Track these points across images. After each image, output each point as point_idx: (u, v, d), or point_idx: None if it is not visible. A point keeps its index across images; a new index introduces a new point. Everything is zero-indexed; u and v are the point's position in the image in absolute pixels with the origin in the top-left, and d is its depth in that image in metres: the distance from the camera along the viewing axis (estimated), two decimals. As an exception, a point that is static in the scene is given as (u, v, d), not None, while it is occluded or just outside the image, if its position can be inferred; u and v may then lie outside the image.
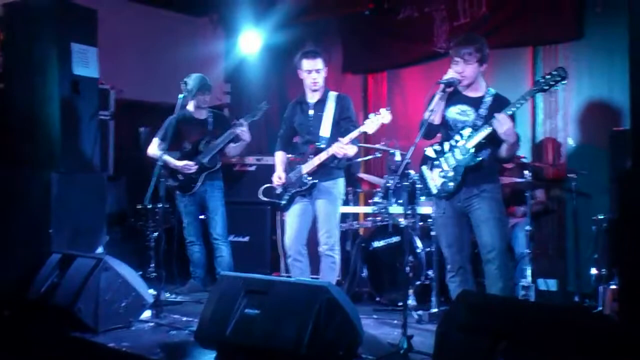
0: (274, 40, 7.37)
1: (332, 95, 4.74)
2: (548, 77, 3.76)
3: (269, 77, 7.67)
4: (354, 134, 4.43)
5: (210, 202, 5.68)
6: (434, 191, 4.11)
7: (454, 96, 4.04)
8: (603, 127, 5.45)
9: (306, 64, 4.67)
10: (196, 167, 5.58)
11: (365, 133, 4.49)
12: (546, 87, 3.76)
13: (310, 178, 4.62)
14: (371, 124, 4.36)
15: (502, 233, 3.95)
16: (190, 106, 5.77)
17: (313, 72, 4.66)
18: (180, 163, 5.60)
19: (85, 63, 5.26)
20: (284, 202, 4.77)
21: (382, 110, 4.41)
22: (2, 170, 5.26)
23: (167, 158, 5.58)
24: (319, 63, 4.66)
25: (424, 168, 4.16)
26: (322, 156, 4.55)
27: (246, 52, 7.53)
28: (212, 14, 7.97)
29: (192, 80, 5.53)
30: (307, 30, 7.16)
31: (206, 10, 7.90)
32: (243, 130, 5.43)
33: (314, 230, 4.74)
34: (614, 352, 2.43)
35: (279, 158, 4.91)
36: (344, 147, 4.45)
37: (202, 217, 5.84)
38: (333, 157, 4.54)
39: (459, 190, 3.98)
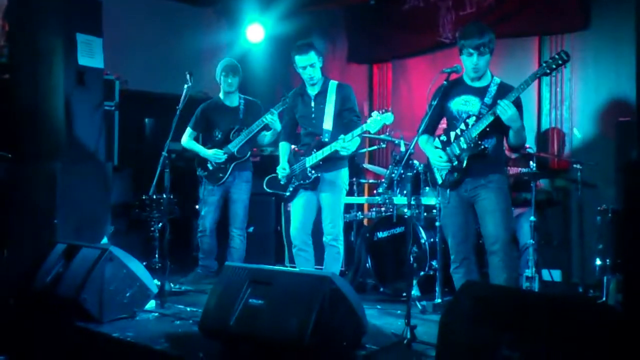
0: (279, 30, 7.36)
1: (333, 85, 4.71)
2: (550, 60, 3.73)
3: (274, 67, 7.67)
4: (357, 132, 4.41)
5: (234, 194, 5.61)
6: (439, 181, 4.10)
7: (459, 86, 4.02)
8: (609, 117, 5.44)
9: (299, 60, 4.62)
10: (225, 156, 5.54)
11: (368, 131, 4.46)
12: (548, 70, 3.73)
13: (314, 172, 4.62)
14: (374, 124, 4.31)
15: (507, 224, 3.94)
16: (221, 93, 5.73)
17: (307, 67, 4.61)
18: (209, 152, 5.57)
19: (91, 54, 5.26)
20: (288, 193, 4.78)
21: (386, 111, 4.36)
22: (8, 161, 5.27)
23: (197, 147, 5.59)
24: (312, 57, 4.59)
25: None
26: (326, 151, 4.55)
27: (251, 42, 7.51)
28: (216, 4, 7.96)
29: (217, 67, 5.57)
30: (312, 20, 7.15)
31: (210, 0, 7.88)
32: (273, 120, 5.31)
33: (318, 220, 4.74)
34: (618, 343, 2.42)
35: (283, 149, 4.91)
36: (346, 146, 4.43)
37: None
38: (336, 151, 4.53)
39: (464, 179, 3.97)
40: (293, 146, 4.89)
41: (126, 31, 6.82)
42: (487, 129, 3.86)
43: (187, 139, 5.68)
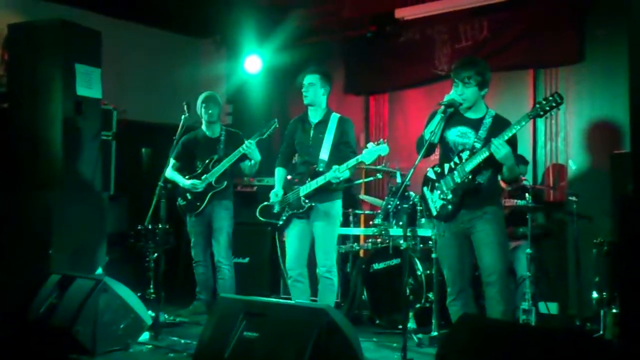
0: (277, 61, 7.42)
1: (335, 117, 4.76)
2: (544, 102, 3.79)
3: (271, 98, 7.71)
4: (351, 162, 4.43)
5: (215, 222, 5.61)
6: (434, 213, 4.10)
7: (454, 117, 4.05)
8: (604, 149, 5.47)
9: (304, 77, 4.77)
10: (203, 185, 5.55)
11: (362, 162, 4.47)
12: (542, 113, 3.79)
13: (308, 201, 4.62)
14: (369, 155, 4.35)
15: (503, 256, 3.93)
16: (203, 124, 5.77)
17: (307, 85, 4.73)
18: (187, 182, 5.58)
19: (89, 84, 5.29)
20: (281, 222, 4.77)
21: (381, 142, 4.39)
22: (4, 190, 5.27)
23: (177, 177, 5.60)
24: (314, 78, 4.72)
25: (425, 189, 4.16)
26: (320, 181, 4.56)
27: (249, 73, 7.57)
28: (215, 35, 8.03)
29: (197, 101, 5.62)
30: (309, 52, 7.21)
31: (209, 31, 7.96)
32: (250, 150, 5.37)
33: (313, 251, 4.72)
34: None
35: (279, 175, 4.91)
36: (339, 176, 4.45)
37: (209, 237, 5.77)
38: (330, 181, 4.54)
39: (458, 212, 3.97)
40: (288, 177, 4.88)
41: (125, 61, 6.87)
42: (481, 165, 3.89)
43: (169, 171, 5.67)
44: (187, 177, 5.63)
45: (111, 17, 6.84)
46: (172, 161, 5.67)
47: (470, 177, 3.90)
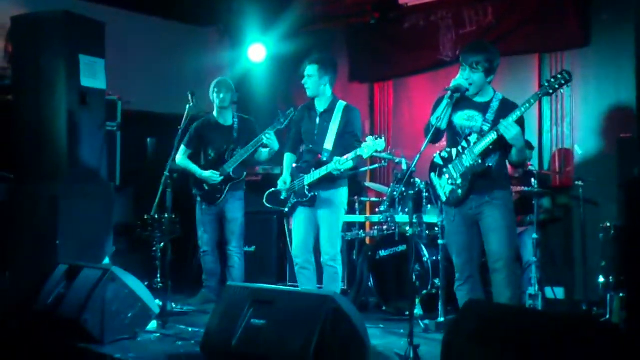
0: (280, 49, 7.40)
1: (341, 105, 4.74)
2: (552, 80, 3.74)
3: (275, 86, 7.70)
4: (351, 156, 4.44)
5: (229, 213, 5.60)
6: (444, 198, 4.09)
7: (462, 102, 4.02)
8: (610, 134, 5.45)
9: (305, 66, 4.76)
10: (221, 177, 5.54)
11: (360, 156, 4.47)
12: (551, 91, 3.75)
13: (311, 190, 4.62)
14: (367, 149, 4.36)
15: (511, 242, 3.92)
16: (215, 110, 5.75)
17: (306, 76, 4.72)
18: (206, 173, 5.55)
19: (93, 75, 5.28)
20: (287, 209, 4.79)
21: (379, 137, 4.39)
22: (10, 182, 5.29)
23: (192, 167, 5.60)
24: (312, 69, 4.69)
25: (433, 175, 4.14)
26: (322, 171, 4.56)
27: (252, 61, 7.55)
28: (218, 24, 8.01)
29: (210, 87, 5.63)
30: (313, 40, 7.19)
31: (213, 20, 7.94)
32: (271, 140, 5.33)
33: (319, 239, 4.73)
34: (621, 361, 2.41)
35: (288, 160, 4.91)
36: (339, 168, 4.46)
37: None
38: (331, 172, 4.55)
39: (468, 197, 3.95)
40: (295, 165, 4.89)
41: (129, 52, 6.86)
42: (490, 147, 3.86)
43: (181, 157, 5.66)
44: (201, 163, 5.61)
45: (114, 7, 6.83)
46: (183, 148, 5.67)
47: (479, 160, 3.87)
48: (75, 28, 5.21)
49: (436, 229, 5.06)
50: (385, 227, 5.62)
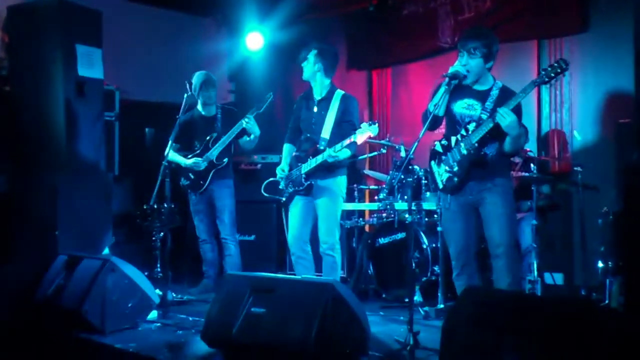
0: (278, 38, 7.38)
1: (338, 94, 4.73)
2: (549, 69, 3.75)
3: (273, 75, 7.67)
4: (344, 142, 4.43)
5: (218, 201, 5.63)
6: (440, 186, 4.10)
7: (461, 90, 4.01)
8: (609, 119, 5.43)
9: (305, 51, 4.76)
10: (205, 163, 5.55)
11: (356, 143, 4.46)
12: (547, 79, 3.75)
13: (308, 179, 4.62)
14: (361, 135, 4.36)
15: (511, 229, 3.94)
16: (199, 104, 5.76)
17: (304, 58, 4.73)
18: (190, 161, 5.57)
19: (90, 64, 5.27)
20: (284, 198, 4.79)
21: (373, 123, 4.38)
22: (9, 173, 5.28)
23: (178, 158, 5.59)
24: (303, 52, 4.72)
25: (433, 163, 4.15)
26: (318, 159, 4.56)
27: (250, 50, 7.53)
28: (216, 13, 7.98)
29: (194, 78, 5.57)
30: (311, 28, 7.16)
31: (210, 9, 7.91)
32: (250, 124, 5.36)
33: (317, 228, 4.73)
34: (620, 345, 2.42)
35: (286, 150, 4.91)
36: (334, 155, 4.45)
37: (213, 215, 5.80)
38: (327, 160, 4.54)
39: (464, 185, 3.96)
40: (294, 153, 4.88)
41: (126, 41, 6.82)
42: (488, 135, 3.86)
43: (170, 153, 5.65)
44: (188, 156, 5.63)
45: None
46: (171, 143, 5.67)
47: (477, 147, 3.88)
48: (72, 17, 5.19)
49: (435, 216, 5.07)
50: (384, 214, 5.63)
